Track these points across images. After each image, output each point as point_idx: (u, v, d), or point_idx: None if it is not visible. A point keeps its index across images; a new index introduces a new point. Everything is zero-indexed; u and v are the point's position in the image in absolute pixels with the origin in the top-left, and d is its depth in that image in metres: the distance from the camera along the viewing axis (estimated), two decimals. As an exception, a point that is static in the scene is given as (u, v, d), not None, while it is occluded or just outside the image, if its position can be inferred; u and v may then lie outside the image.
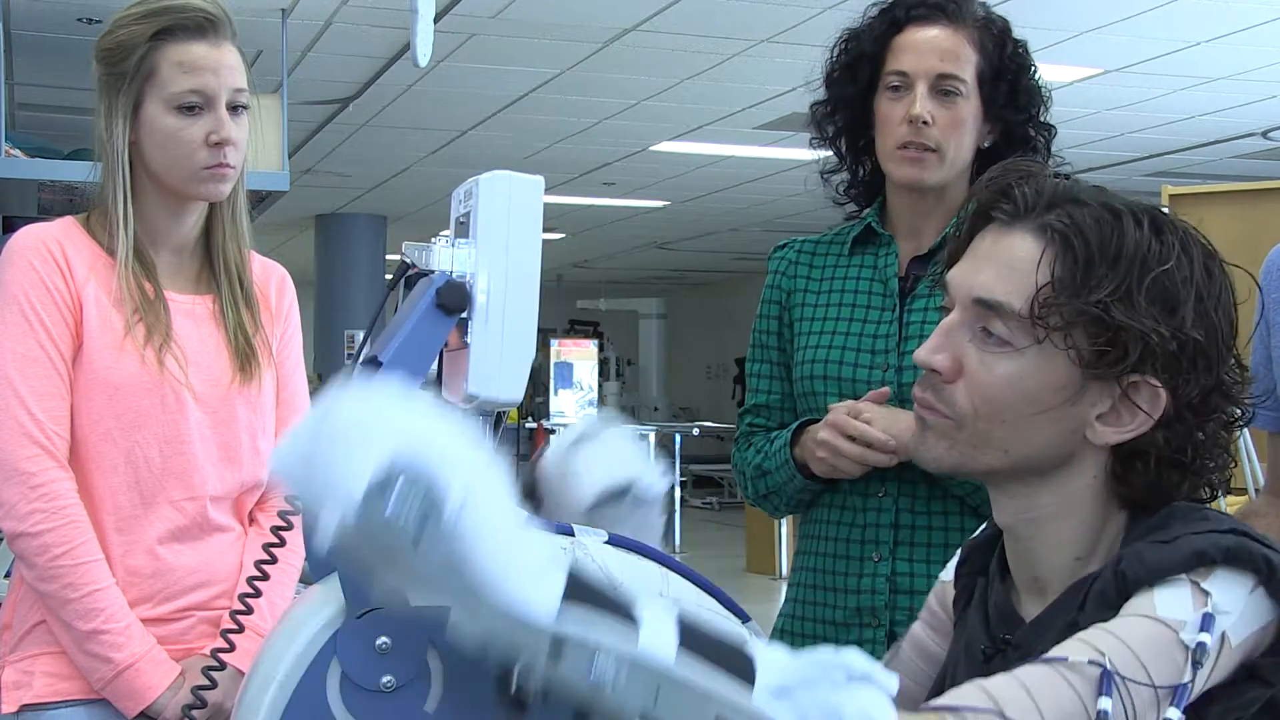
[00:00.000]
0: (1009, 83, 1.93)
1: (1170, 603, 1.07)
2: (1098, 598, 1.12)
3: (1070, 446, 1.18)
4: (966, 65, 1.89)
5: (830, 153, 2.06)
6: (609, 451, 1.29)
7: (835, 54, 2.00)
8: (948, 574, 1.41)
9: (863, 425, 1.81)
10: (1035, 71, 1.96)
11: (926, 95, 1.88)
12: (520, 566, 0.90)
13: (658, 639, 0.92)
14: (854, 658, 0.94)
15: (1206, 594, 1.07)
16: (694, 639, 0.94)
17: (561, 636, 0.90)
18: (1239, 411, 1.21)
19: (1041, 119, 1.98)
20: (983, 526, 1.37)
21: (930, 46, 1.90)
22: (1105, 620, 1.09)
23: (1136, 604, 1.09)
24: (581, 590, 0.92)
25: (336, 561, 0.96)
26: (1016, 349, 1.17)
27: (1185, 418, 1.16)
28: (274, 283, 2.08)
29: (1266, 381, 1.76)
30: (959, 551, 1.40)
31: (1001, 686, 1.05)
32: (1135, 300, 1.13)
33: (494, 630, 0.90)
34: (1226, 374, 1.18)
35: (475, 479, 0.89)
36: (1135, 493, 1.19)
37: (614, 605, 0.93)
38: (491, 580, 0.88)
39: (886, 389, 1.85)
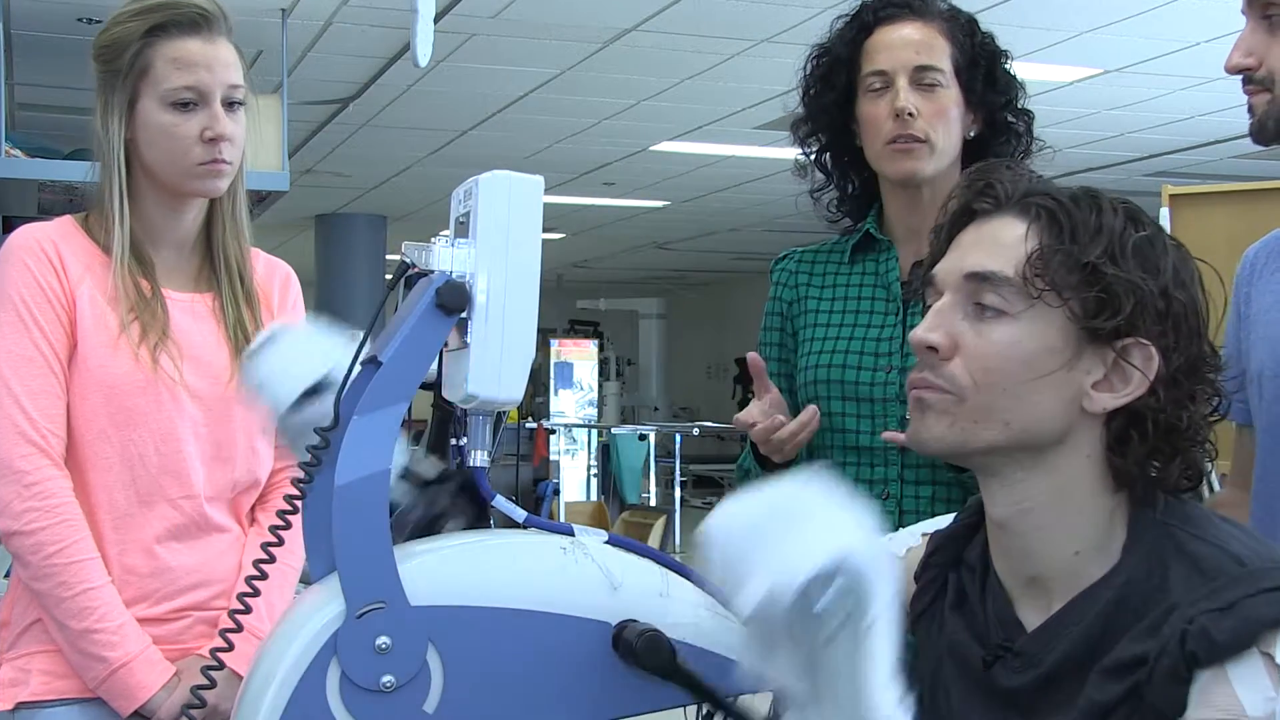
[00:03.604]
0: (984, 69, 1.95)
1: (1249, 691, 1.06)
2: (1168, 674, 1.10)
3: (1068, 418, 1.18)
4: (942, 55, 1.92)
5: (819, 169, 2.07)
6: (297, 349, 1.25)
7: (809, 69, 2.01)
8: (895, 548, 1.40)
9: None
10: (1008, 60, 1.99)
11: (908, 88, 1.90)
12: (889, 694, 0.97)
13: None
14: None
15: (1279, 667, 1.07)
16: None
17: None
18: (1218, 399, 1.22)
19: (1019, 105, 1.99)
20: (951, 519, 1.37)
21: (904, 42, 1.93)
22: (1178, 698, 1.08)
23: (1217, 695, 1.07)
24: None
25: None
26: (1011, 315, 1.18)
27: (1178, 381, 1.18)
28: (278, 281, 2.08)
29: (1238, 371, 1.78)
30: (913, 530, 1.41)
31: None
32: (1121, 261, 1.16)
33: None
34: (1207, 351, 1.20)
35: (890, 599, 0.97)
36: (1130, 466, 1.18)
37: None
38: (869, 697, 0.96)
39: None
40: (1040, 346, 1.17)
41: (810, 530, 0.95)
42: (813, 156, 2.05)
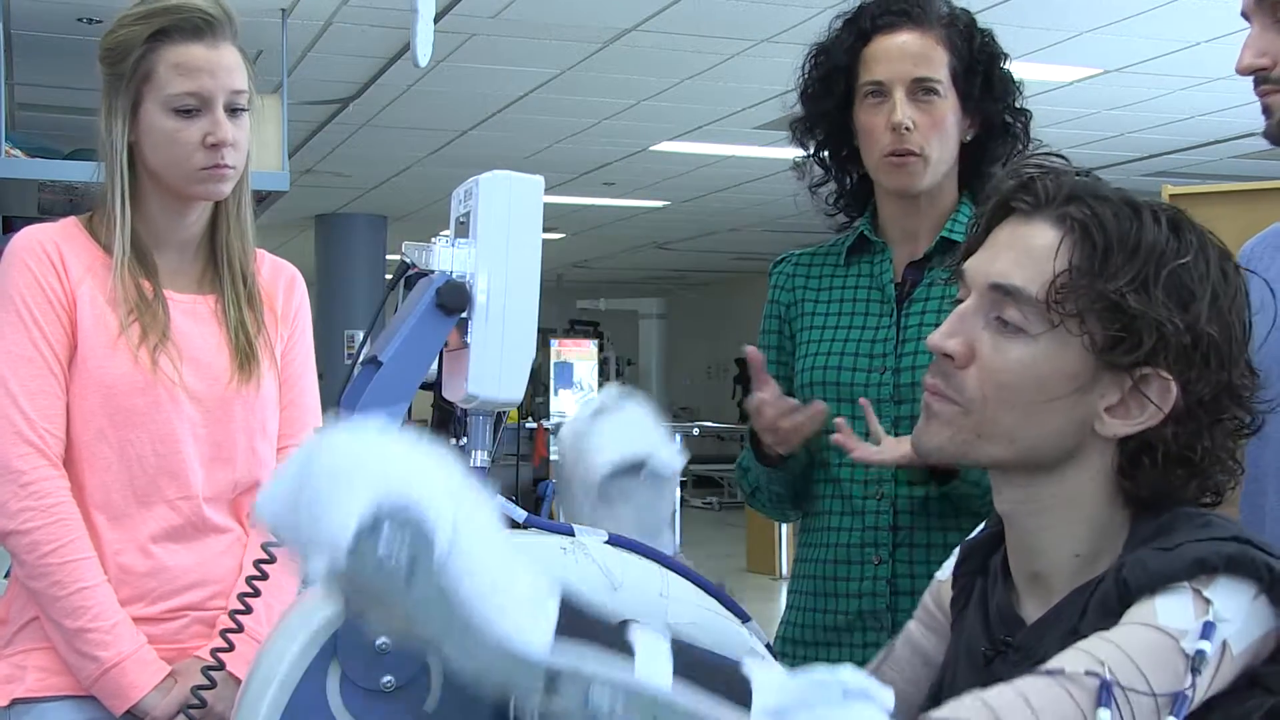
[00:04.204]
0: (982, 75, 1.94)
1: (1171, 611, 1.07)
2: (1100, 604, 1.11)
3: (1077, 439, 1.18)
4: (940, 66, 1.90)
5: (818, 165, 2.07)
6: (627, 424, 1.28)
7: (806, 70, 2.01)
8: (944, 573, 1.40)
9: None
10: (1006, 59, 1.97)
11: (905, 101, 1.89)
12: (512, 601, 0.90)
13: (653, 667, 0.92)
14: (850, 675, 0.93)
15: (1208, 602, 1.07)
16: (688, 665, 0.93)
17: (556, 670, 0.90)
18: (1248, 417, 1.20)
19: (1016, 105, 1.98)
20: (980, 526, 1.37)
21: (902, 53, 1.90)
22: (1107, 627, 1.08)
23: (1137, 612, 1.08)
24: (575, 619, 0.92)
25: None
26: (1030, 335, 1.17)
27: (1195, 414, 1.16)
28: (283, 283, 2.07)
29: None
30: (957, 551, 1.40)
31: (1001, 698, 1.04)
32: (1151, 291, 1.13)
33: (488, 665, 0.90)
34: (1238, 377, 1.18)
35: (462, 514, 0.89)
36: (1141, 490, 1.18)
37: (608, 633, 0.93)
38: (483, 616, 0.88)
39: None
40: (1055, 370, 1.16)
41: (346, 486, 0.88)
42: (811, 151, 2.05)
